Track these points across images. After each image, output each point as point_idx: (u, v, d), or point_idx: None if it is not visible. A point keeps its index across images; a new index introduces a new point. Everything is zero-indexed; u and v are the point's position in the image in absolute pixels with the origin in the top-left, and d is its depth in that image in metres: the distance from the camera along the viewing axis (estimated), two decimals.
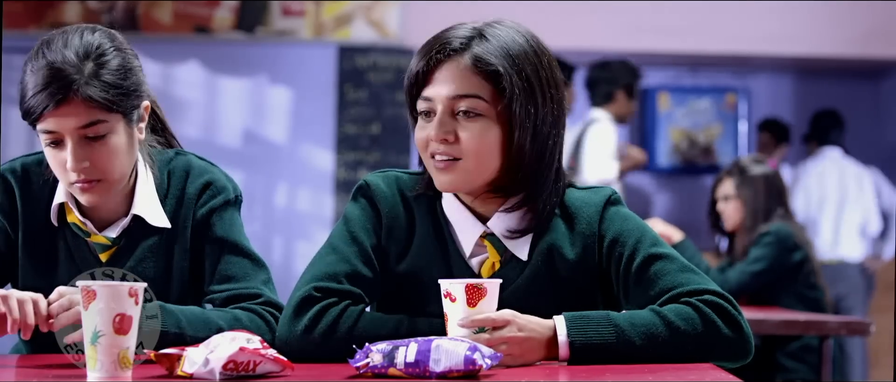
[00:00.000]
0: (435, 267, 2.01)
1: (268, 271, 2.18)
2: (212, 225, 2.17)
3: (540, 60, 1.95)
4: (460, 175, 1.94)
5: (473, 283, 1.82)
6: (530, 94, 1.92)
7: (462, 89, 1.91)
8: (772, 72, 7.91)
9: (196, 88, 6.82)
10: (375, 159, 6.76)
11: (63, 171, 2.03)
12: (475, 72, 1.91)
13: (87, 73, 1.97)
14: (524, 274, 2.01)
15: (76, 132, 1.99)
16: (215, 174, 2.21)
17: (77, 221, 2.13)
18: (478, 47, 1.92)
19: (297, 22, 6.84)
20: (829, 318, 4.17)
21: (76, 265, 2.14)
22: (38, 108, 1.97)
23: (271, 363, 1.71)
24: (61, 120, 1.98)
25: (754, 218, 4.58)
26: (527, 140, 1.92)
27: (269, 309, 2.09)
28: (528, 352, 1.84)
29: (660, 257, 1.98)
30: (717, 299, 1.92)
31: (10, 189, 2.15)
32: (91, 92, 1.97)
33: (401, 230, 2.04)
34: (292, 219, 6.79)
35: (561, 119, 1.98)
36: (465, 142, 1.92)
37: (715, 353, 1.90)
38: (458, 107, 1.92)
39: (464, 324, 1.81)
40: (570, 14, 6.83)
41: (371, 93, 6.81)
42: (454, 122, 1.92)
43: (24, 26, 6.61)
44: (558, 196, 2.01)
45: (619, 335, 1.86)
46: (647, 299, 1.95)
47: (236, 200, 2.22)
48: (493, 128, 1.92)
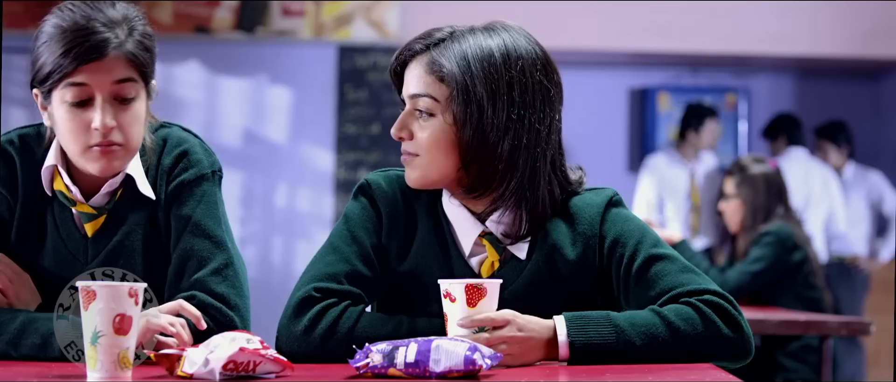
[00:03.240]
0: (435, 266, 2.02)
1: (228, 253, 2.06)
2: (179, 199, 2.09)
3: (506, 65, 1.96)
4: (416, 170, 2.00)
5: (473, 283, 1.82)
6: (480, 97, 1.94)
7: (417, 89, 1.99)
8: (772, 72, 7.91)
9: (196, 88, 6.82)
10: (375, 159, 6.77)
11: (84, 133, 1.99)
12: (429, 73, 1.98)
13: (124, 33, 1.99)
14: (524, 274, 2.01)
15: (110, 88, 1.98)
16: (192, 145, 2.13)
17: (64, 189, 2.07)
18: (436, 50, 1.98)
19: (297, 22, 6.84)
20: (829, 318, 4.17)
21: (61, 238, 2.09)
22: (70, 64, 1.95)
23: (271, 363, 1.71)
24: (96, 75, 1.96)
25: (754, 218, 4.58)
26: (473, 140, 1.95)
27: (205, 304, 2.00)
28: (527, 352, 1.85)
29: (660, 258, 1.98)
30: (718, 299, 1.92)
31: (10, 160, 2.10)
32: (129, 47, 1.98)
33: (402, 229, 2.04)
34: (292, 219, 6.80)
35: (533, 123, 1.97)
36: (418, 139, 1.99)
37: (715, 353, 1.90)
38: (417, 105, 1.99)
39: (463, 324, 1.82)
40: (570, 14, 6.83)
41: (371, 93, 6.81)
42: (412, 120, 2.00)
43: (24, 26, 6.61)
44: (553, 197, 2.02)
45: (619, 335, 1.86)
46: (647, 299, 1.96)
47: (214, 175, 2.13)
48: (444, 126, 1.97)
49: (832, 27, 7.08)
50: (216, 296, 2.02)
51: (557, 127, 2.01)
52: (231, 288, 2.04)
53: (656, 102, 7.88)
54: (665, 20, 6.95)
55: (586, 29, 6.93)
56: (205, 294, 2.01)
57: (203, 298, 2.01)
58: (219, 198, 2.12)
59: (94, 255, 2.08)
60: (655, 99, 7.87)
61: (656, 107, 7.87)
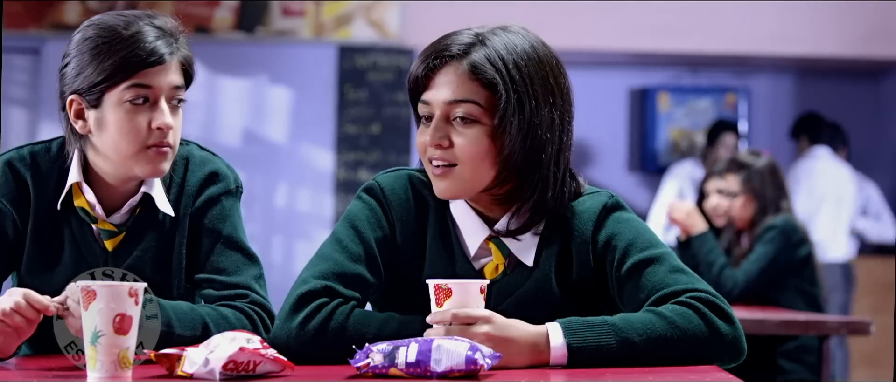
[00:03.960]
0: (440, 268, 2.00)
1: (260, 267, 2.16)
2: (209, 214, 2.15)
3: (541, 67, 1.94)
4: (456, 182, 1.94)
5: (440, 283, 1.82)
6: (526, 102, 1.91)
7: (458, 95, 1.92)
8: (772, 72, 7.91)
9: (196, 88, 6.78)
10: (375, 159, 6.76)
11: (141, 133, 2.03)
12: (472, 79, 1.92)
13: (177, 41, 2.08)
14: (530, 280, 2.00)
15: (171, 92, 2.06)
16: (217, 164, 2.19)
17: (85, 205, 2.10)
18: (476, 54, 1.92)
19: (297, 22, 6.84)
20: (829, 318, 4.16)
21: (81, 253, 2.12)
22: (137, 66, 2.01)
23: (271, 363, 1.71)
24: (161, 77, 2.04)
25: (765, 210, 4.56)
26: (520, 148, 1.91)
27: (255, 308, 2.08)
28: (506, 355, 1.78)
29: (652, 259, 1.95)
30: (711, 297, 1.90)
31: (21, 177, 2.12)
32: (184, 54, 2.08)
33: (412, 232, 2.02)
34: (292, 219, 6.80)
35: (564, 125, 1.97)
36: (460, 148, 1.92)
37: (714, 351, 1.88)
38: (454, 112, 1.92)
39: (431, 320, 1.81)
40: (571, 14, 6.83)
41: (371, 93, 6.81)
42: (450, 128, 1.93)
43: (24, 26, 6.61)
44: (565, 200, 2.00)
45: (617, 335, 1.84)
46: (640, 300, 1.94)
47: (237, 191, 2.19)
48: (487, 134, 1.92)
49: (832, 27, 7.07)
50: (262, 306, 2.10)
51: (571, 129, 2.01)
52: (267, 295, 2.14)
53: (656, 102, 7.88)
54: (665, 20, 6.95)
55: (586, 29, 6.92)
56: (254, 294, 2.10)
57: (255, 297, 2.10)
58: (241, 214, 2.21)
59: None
60: (655, 99, 7.87)
61: (656, 107, 7.87)
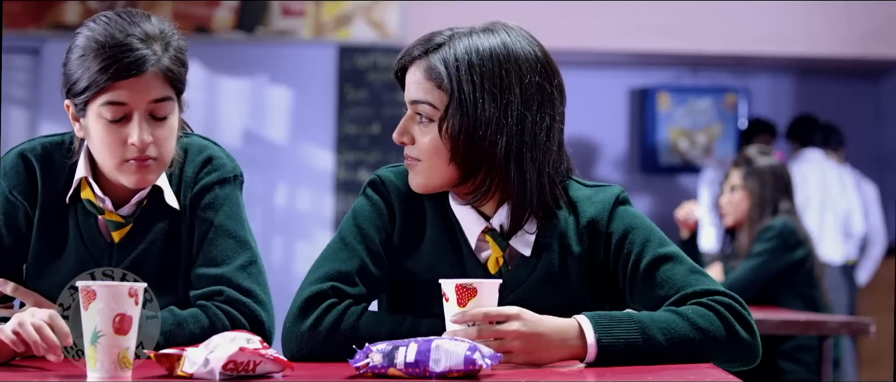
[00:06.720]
0: (447, 263, 2.02)
1: (251, 252, 2.11)
2: (201, 203, 2.12)
3: (501, 66, 1.96)
4: (419, 176, 2.00)
5: (463, 283, 1.82)
6: (468, 102, 1.94)
7: (415, 95, 1.99)
8: (772, 72, 7.91)
9: (196, 88, 6.82)
10: (375, 159, 6.77)
11: (119, 148, 2.01)
12: (428, 79, 1.98)
13: (161, 48, 2.00)
14: (534, 272, 2.01)
15: (146, 106, 2.00)
16: (213, 151, 2.17)
17: (92, 197, 2.09)
18: (434, 55, 1.97)
19: (297, 22, 6.84)
20: (829, 318, 4.15)
21: (86, 245, 2.11)
22: (108, 80, 1.96)
23: (271, 363, 1.71)
24: (134, 91, 1.98)
25: (761, 211, 4.50)
26: (463, 145, 1.95)
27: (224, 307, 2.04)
28: (539, 350, 1.82)
29: (668, 257, 1.98)
30: (729, 300, 1.93)
31: (31, 169, 2.12)
32: (165, 63, 1.99)
33: (413, 226, 2.04)
34: (292, 219, 6.80)
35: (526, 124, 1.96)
36: (419, 144, 1.99)
37: (733, 352, 1.90)
38: (417, 110, 1.99)
39: (456, 320, 1.81)
40: (571, 14, 6.83)
41: (371, 93, 6.81)
42: (414, 124, 2.00)
43: (24, 26, 6.61)
44: (556, 195, 2.01)
45: (644, 334, 1.85)
46: (656, 299, 1.95)
47: (235, 179, 2.16)
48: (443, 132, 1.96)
49: (832, 27, 7.07)
50: (243, 291, 2.06)
51: (559, 127, 2.01)
52: (256, 283, 2.09)
53: (656, 102, 7.88)
54: (665, 20, 6.95)
55: (586, 29, 6.93)
56: (232, 289, 2.06)
57: (231, 293, 2.05)
58: (241, 202, 2.16)
59: (118, 261, 2.11)
60: (655, 99, 7.87)
61: (656, 107, 7.88)
